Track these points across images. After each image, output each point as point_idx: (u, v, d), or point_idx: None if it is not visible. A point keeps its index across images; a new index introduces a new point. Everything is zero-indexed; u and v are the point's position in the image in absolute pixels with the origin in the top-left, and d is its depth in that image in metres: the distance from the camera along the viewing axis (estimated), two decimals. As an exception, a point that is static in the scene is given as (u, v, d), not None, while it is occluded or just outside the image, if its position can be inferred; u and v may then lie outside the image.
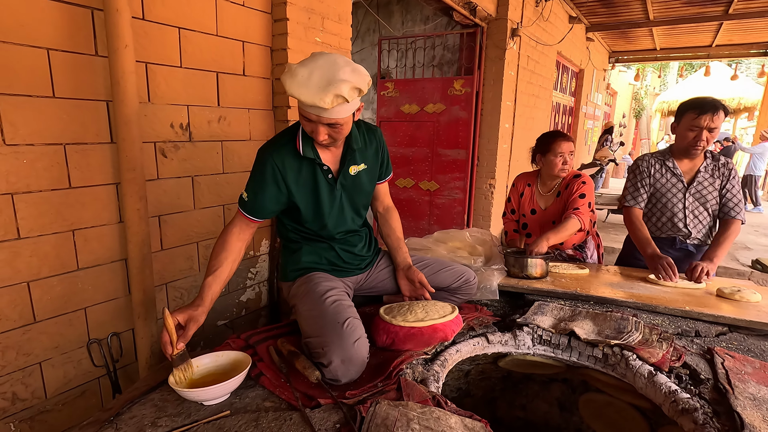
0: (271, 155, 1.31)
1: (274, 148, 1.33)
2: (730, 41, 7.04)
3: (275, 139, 1.38)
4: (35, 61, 1.34)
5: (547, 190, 2.22)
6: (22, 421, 1.46)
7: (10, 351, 1.40)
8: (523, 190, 2.28)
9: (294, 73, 1.15)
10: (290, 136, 1.34)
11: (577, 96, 7.17)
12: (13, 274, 1.38)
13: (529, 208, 2.25)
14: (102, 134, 1.53)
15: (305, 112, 1.20)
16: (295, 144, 1.32)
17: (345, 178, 1.41)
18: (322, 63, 1.16)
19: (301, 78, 1.14)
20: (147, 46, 1.61)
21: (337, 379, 1.11)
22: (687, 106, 1.94)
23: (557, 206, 2.16)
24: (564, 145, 2.08)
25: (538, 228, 2.21)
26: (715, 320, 1.50)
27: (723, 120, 1.90)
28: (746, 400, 1.04)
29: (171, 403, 1.05)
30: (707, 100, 1.89)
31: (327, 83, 1.13)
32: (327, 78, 1.14)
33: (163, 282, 1.80)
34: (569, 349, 1.40)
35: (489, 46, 4.16)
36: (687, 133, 1.94)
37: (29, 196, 1.38)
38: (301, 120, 1.25)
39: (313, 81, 1.13)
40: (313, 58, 1.18)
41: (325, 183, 1.37)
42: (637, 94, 15.10)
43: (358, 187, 1.45)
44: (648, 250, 1.92)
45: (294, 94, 1.14)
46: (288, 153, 1.32)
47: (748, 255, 4.79)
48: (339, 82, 1.13)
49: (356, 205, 1.48)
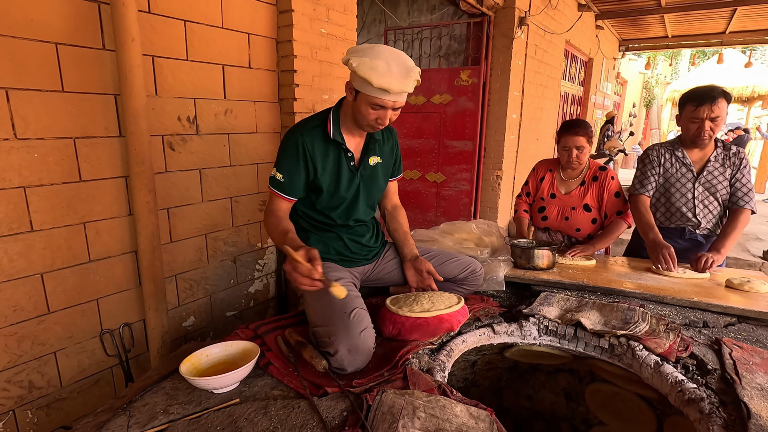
0: (301, 135, 1.36)
1: (305, 129, 1.38)
2: (745, 27, 6.86)
3: (305, 122, 1.43)
4: (44, 56, 1.36)
5: (569, 176, 2.21)
6: (39, 408, 1.50)
7: (25, 341, 1.44)
8: (544, 175, 2.28)
9: (375, 67, 1.21)
10: (320, 121, 1.41)
11: (586, 86, 7.07)
12: (27, 266, 1.41)
13: (548, 193, 2.24)
14: (111, 128, 1.55)
15: (380, 100, 1.26)
16: (326, 128, 1.39)
17: (365, 168, 1.48)
18: (390, 53, 1.25)
19: (383, 70, 1.21)
20: (153, 39, 1.62)
21: (343, 368, 1.12)
22: (686, 98, 1.92)
23: (579, 193, 2.17)
24: (570, 140, 2.06)
25: (555, 211, 2.22)
26: (723, 311, 1.49)
27: (725, 107, 1.86)
28: (753, 390, 1.04)
29: (182, 391, 1.07)
30: (705, 89, 1.86)
31: (406, 71, 1.26)
32: (404, 66, 1.26)
33: (172, 273, 1.83)
34: (575, 340, 1.41)
35: (496, 35, 4.10)
36: (689, 125, 1.92)
37: (41, 190, 1.40)
38: (366, 109, 1.30)
39: (394, 70, 1.23)
40: (377, 51, 1.25)
41: (347, 169, 1.44)
42: (647, 83, 14.84)
43: (375, 178, 1.52)
44: (650, 235, 1.91)
45: (383, 85, 1.22)
46: (317, 135, 1.38)
47: (759, 246, 4.72)
48: (413, 68, 1.27)
49: (371, 196, 1.54)
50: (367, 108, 1.29)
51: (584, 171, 2.19)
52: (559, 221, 2.21)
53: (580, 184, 2.18)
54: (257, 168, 2.12)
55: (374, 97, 1.26)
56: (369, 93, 1.25)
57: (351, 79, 1.30)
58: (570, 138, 2.06)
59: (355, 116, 1.36)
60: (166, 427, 0.94)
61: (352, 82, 1.30)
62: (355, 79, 1.27)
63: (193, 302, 1.94)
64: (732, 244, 1.88)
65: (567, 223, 2.19)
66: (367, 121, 1.33)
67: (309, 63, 2.14)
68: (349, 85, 1.32)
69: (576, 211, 2.16)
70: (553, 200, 2.23)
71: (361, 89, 1.27)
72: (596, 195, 2.14)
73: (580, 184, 2.18)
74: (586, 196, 2.15)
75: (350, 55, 1.25)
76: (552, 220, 2.23)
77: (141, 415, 0.98)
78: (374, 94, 1.25)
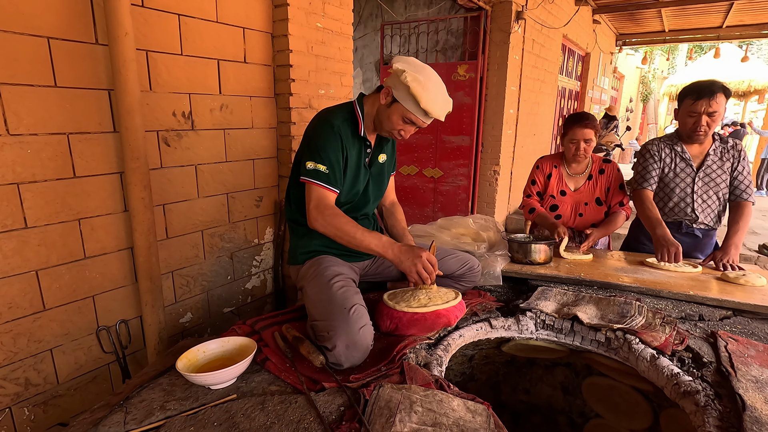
0: (339, 128, 1.36)
1: (339, 120, 1.37)
2: (741, 22, 6.85)
3: (333, 112, 1.41)
4: (36, 50, 1.34)
5: (574, 171, 2.19)
6: (36, 405, 1.50)
7: (21, 338, 1.43)
8: (550, 171, 2.22)
9: (427, 89, 1.26)
10: (347, 114, 1.41)
11: (583, 80, 7.06)
12: (22, 263, 1.40)
13: (558, 190, 2.20)
14: (105, 123, 1.54)
15: (417, 119, 1.33)
16: (355, 123, 1.41)
17: (375, 165, 1.53)
18: (438, 80, 1.32)
19: (432, 94, 1.28)
20: (147, 33, 1.60)
21: (340, 363, 1.12)
22: (686, 92, 1.91)
23: (588, 188, 2.17)
24: (578, 132, 2.04)
25: (569, 209, 2.18)
26: (719, 304, 1.50)
27: (723, 103, 1.85)
28: (748, 383, 1.04)
29: (179, 387, 1.07)
30: (704, 84, 1.85)
31: (446, 103, 1.35)
32: (446, 98, 1.35)
33: (169, 270, 1.82)
34: (572, 334, 1.41)
35: (493, 29, 4.09)
36: (687, 119, 1.92)
37: (35, 186, 1.39)
38: (397, 119, 1.34)
39: (439, 99, 1.31)
40: (428, 73, 1.30)
41: (363, 165, 1.46)
42: (644, 78, 14.83)
43: (381, 175, 1.56)
44: (657, 230, 1.88)
45: (428, 109, 1.28)
46: (348, 128, 1.39)
47: (755, 240, 4.74)
48: (450, 101, 1.37)
49: (379, 191, 1.57)
50: (399, 119, 1.34)
51: (589, 165, 2.18)
52: (573, 218, 2.19)
53: (587, 178, 2.17)
54: (253, 164, 2.11)
55: (411, 114, 1.31)
56: (410, 108, 1.30)
57: (392, 86, 1.31)
58: (579, 130, 2.04)
59: (380, 119, 1.38)
60: (163, 423, 0.94)
61: (392, 89, 1.31)
62: (400, 90, 1.29)
63: (190, 299, 1.94)
64: (743, 237, 1.90)
65: (582, 219, 2.17)
66: (390, 129, 1.37)
67: (305, 58, 2.13)
68: (388, 90, 1.33)
69: (589, 206, 2.15)
70: (564, 197, 2.20)
71: (402, 101, 1.29)
72: (605, 187, 2.15)
73: (588, 178, 2.17)
74: (596, 190, 2.15)
75: (404, 67, 1.27)
76: (566, 218, 2.19)
77: (138, 411, 0.98)
78: (415, 112, 1.30)
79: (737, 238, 1.87)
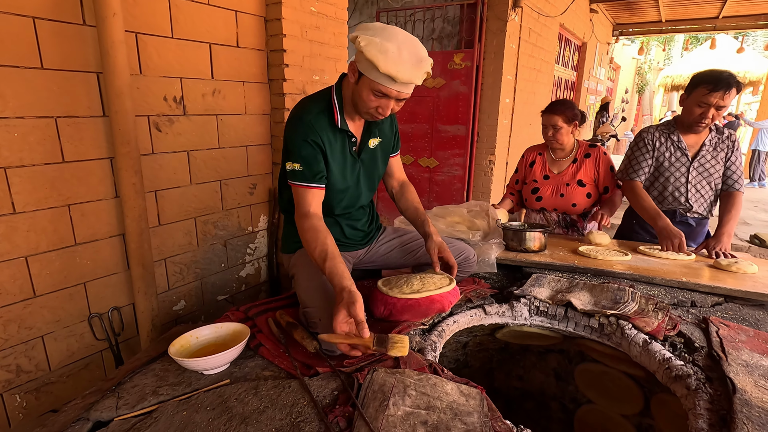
0: (311, 122, 1.27)
1: (312, 115, 1.28)
2: (738, 12, 6.84)
3: (306, 107, 1.31)
4: (21, 31, 1.30)
5: (559, 156, 2.27)
6: (28, 392, 1.49)
7: (11, 324, 1.41)
8: (534, 159, 2.33)
9: (384, 50, 1.10)
10: (323, 105, 1.30)
11: (579, 70, 7.03)
12: (11, 249, 1.38)
13: (541, 174, 2.29)
14: (94, 107, 1.50)
15: (384, 88, 1.16)
16: (331, 114, 1.30)
17: (365, 152, 1.42)
18: (404, 38, 1.14)
19: (393, 55, 1.10)
20: (136, 14, 1.56)
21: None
22: (700, 79, 1.83)
23: (572, 170, 2.22)
24: (544, 118, 2.17)
25: (550, 190, 2.24)
26: (711, 291, 1.51)
27: (733, 98, 1.83)
28: (739, 367, 1.06)
29: (172, 372, 1.06)
30: (723, 75, 1.78)
31: (417, 60, 1.15)
32: (416, 55, 1.15)
33: (162, 257, 1.81)
34: (566, 320, 1.42)
35: (490, 18, 4.05)
36: (694, 108, 1.87)
37: (23, 170, 1.37)
38: (367, 95, 1.19)
39: (405, 58, 1.12)
40: (389, 32, 1.13)
41: (350, 156, 1.37)
42: (640, 68, 14.82)
43: (375, 161, 1.46)
44: (659, 222, 1.87)
45: (391, 73, 1.11)
46: (323, 122, 1.29)
47: (746, 230, 4.80)
48: (425, 59, 1.17)
49: (372, 180, 1.49)
50: (369, 94, 1.19)
51: (574, 150, 2.24)
52: (554, 199, 2.23)
53: (572, 162, 2.23)
54: (247, 150, 2.08)
55: (378, 84, 1.15)
56: (373, 78, 1.15)
57: (356, 60, 1.19)
58: (545, 116, 2.17)
59: (354, 100, 1.26)
60: (156, 407, 0.93)
61: (356, 63, 1.19)
62: (361, 61, 1.15)
63: (183, 286, 1.92)
64: (735, 226, 1.91)
65: (563, 199, 2.22)
66: (367, 109, 1.23)
67: (299, 42, 2.09)
68: (353, 65, 1.20)
69: (570, 186, 2.19)
70: (547, 180, 2.26)
71: (366, 72, 1.15)
72: (591, 170, 2.19)
73: (572, 161, 2.23)
74: (579, 172, 2.20)
75: (359, 32, 1.13)
76: (547, 199, 2.25)
77: (130, 396, 0.97)
78: (379, 80, 1.14)
79: (729, 227, 1.88)
